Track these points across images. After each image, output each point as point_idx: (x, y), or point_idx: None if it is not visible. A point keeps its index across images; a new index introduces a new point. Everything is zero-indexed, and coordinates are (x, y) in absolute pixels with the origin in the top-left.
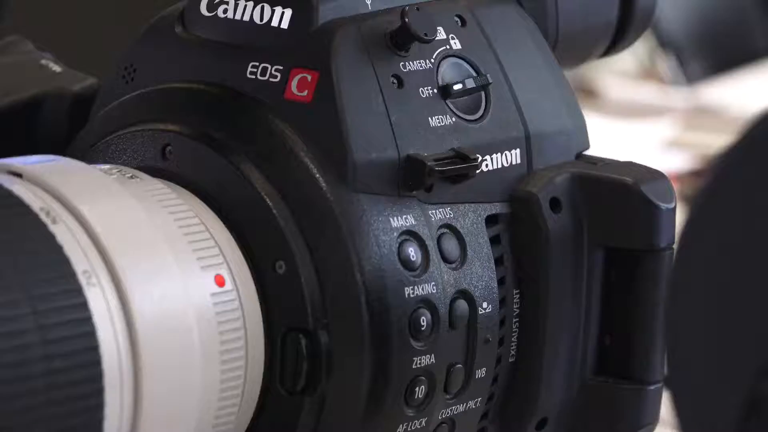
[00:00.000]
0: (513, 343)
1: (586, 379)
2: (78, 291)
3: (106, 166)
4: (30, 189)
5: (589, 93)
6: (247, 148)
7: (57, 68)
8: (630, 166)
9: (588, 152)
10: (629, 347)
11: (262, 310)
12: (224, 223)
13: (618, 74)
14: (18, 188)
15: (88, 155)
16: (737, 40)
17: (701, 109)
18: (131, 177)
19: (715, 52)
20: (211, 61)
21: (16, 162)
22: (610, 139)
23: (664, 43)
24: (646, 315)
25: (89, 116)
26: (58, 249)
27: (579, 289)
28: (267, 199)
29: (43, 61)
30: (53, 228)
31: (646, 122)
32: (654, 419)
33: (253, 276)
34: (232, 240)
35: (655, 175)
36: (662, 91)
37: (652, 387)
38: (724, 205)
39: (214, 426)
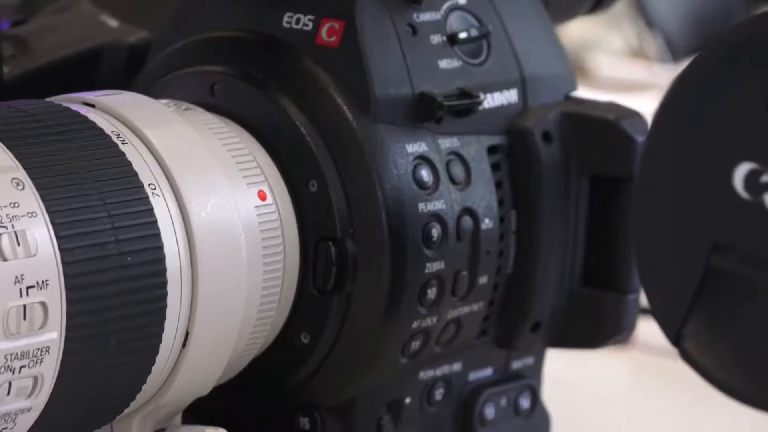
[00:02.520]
0: (511, 256)
1: (574, 289)
2: (145, 200)
3: (165, 101)
4: (102, 116)
5: (582, 71)
6: (284, 86)
7: (113, 23)
8: (611, 105)
9: (575, 94)
10: (611, 262)
11: (297, 221)
12: (264, 148)
13: (608, 53)
14: (92, 115)
15: (147, 94)
16: (721, 20)
17: None
18: (186, 109)
19: (699, 32)
20: (252, 12)
21: (90, 95)
22: None
23: (652, 23)
24: (626, 234)
25: (144, 64)
26: (127, 164)
27: (567, 211)
28: (301, 128)
29: (101, 17)
30: (123, 148)
31: (635, 97)
32: (632, 325)
33: (289, 193)
34: (272, 162)
35: (632, 113)
36: (650, 68)
37: (630, 296)
38: (678, 115)
39: (256, 321)
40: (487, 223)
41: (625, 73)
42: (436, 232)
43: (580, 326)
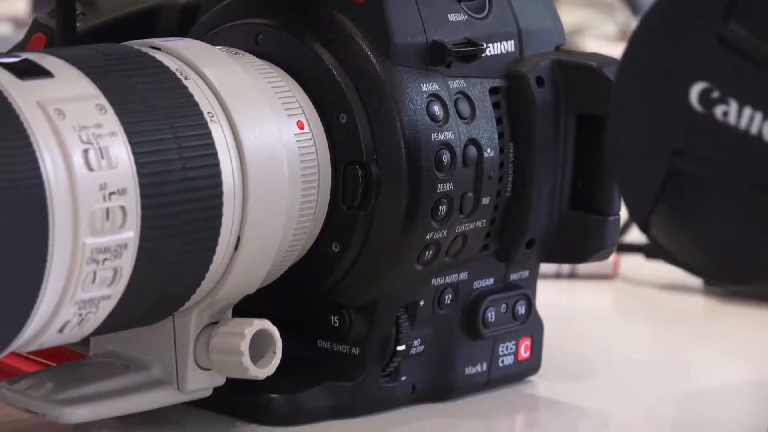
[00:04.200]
0: (509, 182)
1: (563, 212)
2: (204, 125)
3: (218, 47)
4: (167, 57)
5: None
6: (318, 36)
7: None
8: (594, 55)
9: (564, 47)
10: (594, 189)
11: (329, 148)
12: (301, 87)
13: (600, 38)
14: (159, 56)
15: None
16: None
17: None
18: (236, 53)
19: None
20: None
21: (156, 40)
22: None
23: (638, 10)
24: (607, 165)
25: (194, 21)
26: (189, 96)
27: (557, 144)
28: (333, 70)
29: None
30: (185, 82)
31: None
32: (612, 243)
33: (322, 124)
34: (307, 98)
35: (612, 61)
36: None
37: (611, 218)
38: (648, 40)
39: (295, 231)
40: (489, 153)
41: (617, 57)
42: (446, 158)
43: (568, 244)
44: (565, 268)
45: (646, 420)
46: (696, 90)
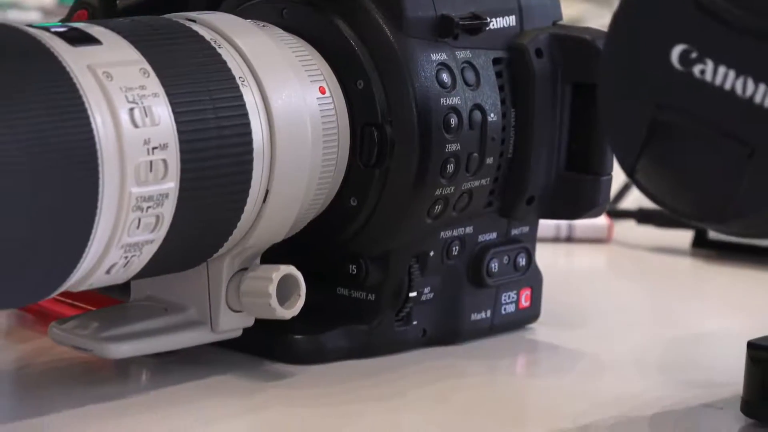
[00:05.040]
0: (510, 144)
1: (559, 172)
2: (236, 89)
3: (247, 20)
4: (202, 28)
5: None
6: (338, 10)
7: None
8: (588, 29)
9: (560, 22)
10: (588, 151)
11: (347, 111)
12: (323, 56)
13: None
14: (195, 27)
15: None
16: None
17: None
18: (263, 26)
19: None
20: None
21: (191, 13)
22: None
23: None
24: (600, 129)
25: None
26: (222, 62)
27: (554, 110)
28: (351, 41)
29: None
30: (219, 50)
31: None
32: (605, 201)
33: (342, 89)
34: (328, 66)
35: (605, 34)
36: None
37: (604, 178)
38: (634, 5)
39: (317, 186)
40: (492, 117)
41: None
42: (453, 120)
43: (565, 201)
44: (563, 232)
45: (635, 361)
46: (676, 51)
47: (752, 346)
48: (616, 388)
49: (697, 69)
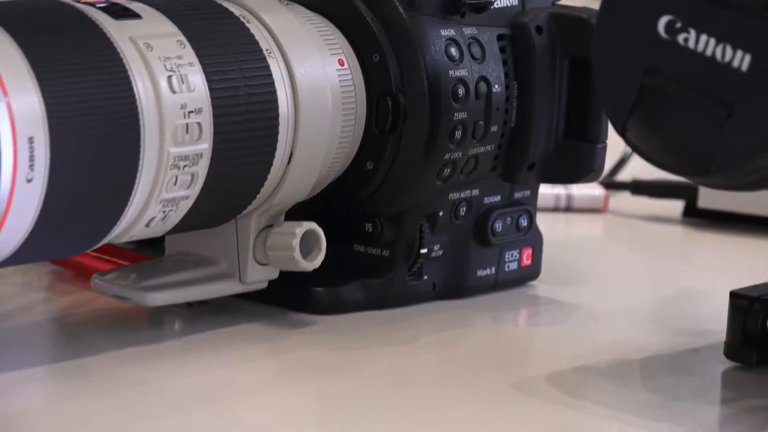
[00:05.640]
0: (513, 114)
1: (558, 140)
2: (264, 59)
3: None
4: (232, 5)
5: None
6: None
7: None
8: (585, 8)
9: (559, 2)
10: (585, 121)
11: (364, 82)
12: (341, 31)
13: None
14: (225, 4)
15: None
16: None
17: None
18: (287, 4)
19: None
20: None
21: None
22: None
23: None
24: (595, 101)
25: None
26: (251, 36)
27: (554, 83)
28: (368, 18)
29: None
30: (247, 25)
31: None
32: (600, 167)
33: (359, 62)
34: (347, 41)
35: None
36: None
37: (599, 145)
38: None
39: (336, 151)
40: (496, 88)
41: None
42: (461, 91)
43: (563, 167)
44: (562, 202)
45: (628, 313)
46: (663, 21)
47: (734, 295)
48: (610, 335)
49: (681, 37)
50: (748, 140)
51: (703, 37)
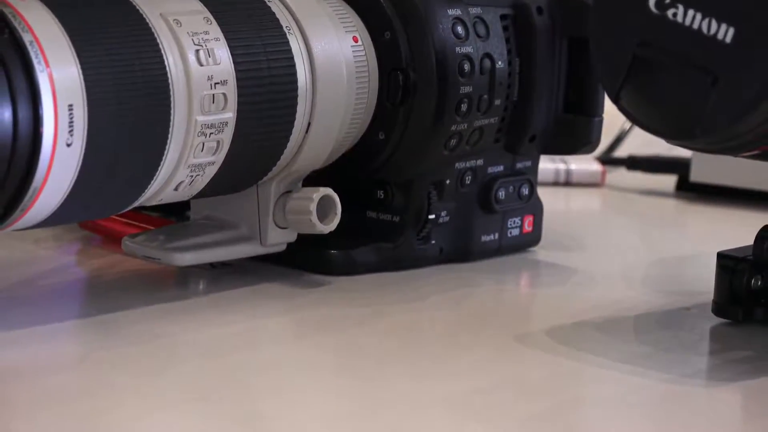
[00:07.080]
0: (515, 89)
1: (558, 114)
2: (283, 35)
3: None
4: None
5: None
6: None
7: None
8: None
9: None
10: (582, 96)
11: (377, 57)
12: (355, 11)
13: None
14: None
15: None
16: None
17: None
18: None
19: None
20: None
21: None
22: None
23: None
24: (593, 77)
25: None
26: (272, 14)
27: (553, 61)
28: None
29: None
30: (269, 4)
31: None
32: (597, 139)
33: (372, 40)
34: (360, 20)
35: None
36: None
37: (596, 119)
38: None
39: (350, 122)
40: (500, 64)
41: None
42: (467, 66)
43: (562, 139)
44: (562, 176)
45: (623, 276)
46: None
47: (721, 256)
48: (606, 295)
49: (670, 12)
50: (731, 107)
51: (691, 12)
